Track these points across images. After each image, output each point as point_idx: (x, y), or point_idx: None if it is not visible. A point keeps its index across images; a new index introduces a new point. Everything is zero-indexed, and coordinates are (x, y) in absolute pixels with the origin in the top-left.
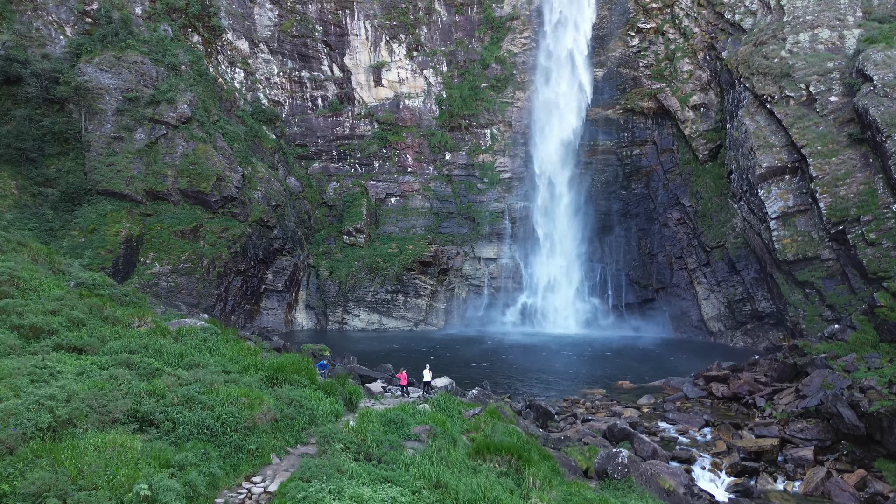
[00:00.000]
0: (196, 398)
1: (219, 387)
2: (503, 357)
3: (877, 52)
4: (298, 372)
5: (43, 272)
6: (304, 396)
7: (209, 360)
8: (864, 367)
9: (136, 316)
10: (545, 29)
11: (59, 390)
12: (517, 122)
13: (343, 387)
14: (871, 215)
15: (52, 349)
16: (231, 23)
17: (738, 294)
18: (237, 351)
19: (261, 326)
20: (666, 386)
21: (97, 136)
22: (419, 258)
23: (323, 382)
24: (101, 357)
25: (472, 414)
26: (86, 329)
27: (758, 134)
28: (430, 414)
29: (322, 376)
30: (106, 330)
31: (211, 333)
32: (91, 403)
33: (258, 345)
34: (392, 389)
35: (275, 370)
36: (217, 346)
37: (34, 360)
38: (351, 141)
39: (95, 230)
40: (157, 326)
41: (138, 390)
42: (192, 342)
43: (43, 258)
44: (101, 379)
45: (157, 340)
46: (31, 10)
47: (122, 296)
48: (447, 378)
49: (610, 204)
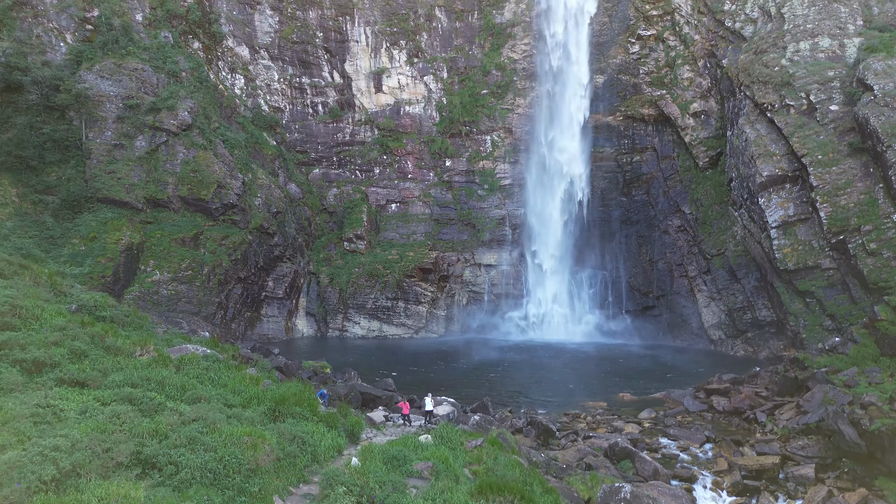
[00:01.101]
0: (198, 439)
1: (221, 425)
2: (504, 367)
3: (877, 62)
4: (300, 404)
5: (45, 295)
6: (306, 432)
7: (211, 392)
8: (865, 382)
9: (137, 345)
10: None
11: (63, 440)
12: (517, 129)
13: (345, 417)
14: (872, 225)
15: (54, 384)
16: (231, 29)
17: (738, 302)
18: (239, 381)
19: (261, 334)
20: (667, 398)
21: (98, 144)
22: (419, 265)
23: (324, 414)
24: (103, 391)
25: (474, 445)
26: (88, 361)
27: (758, 142)
28: (433, 448)
29: (323, 406)
30: (108, 361)
31: (213, 361)
32: (94, 449)
33: (259, 365)
34: (394, 418)
35: (277, 402)
36: (219, 375)
37: (37, 398)
38: (351, 147)
39: (96, 238)
40: (158, 355)
41: (141, 430)
42: (193, 372)
43: (45, 280)
44: (103, 418)
45: (159, 372)
46: (32, 17)
47: (124, 316)
48: (449, 405)
49: (610, 211)
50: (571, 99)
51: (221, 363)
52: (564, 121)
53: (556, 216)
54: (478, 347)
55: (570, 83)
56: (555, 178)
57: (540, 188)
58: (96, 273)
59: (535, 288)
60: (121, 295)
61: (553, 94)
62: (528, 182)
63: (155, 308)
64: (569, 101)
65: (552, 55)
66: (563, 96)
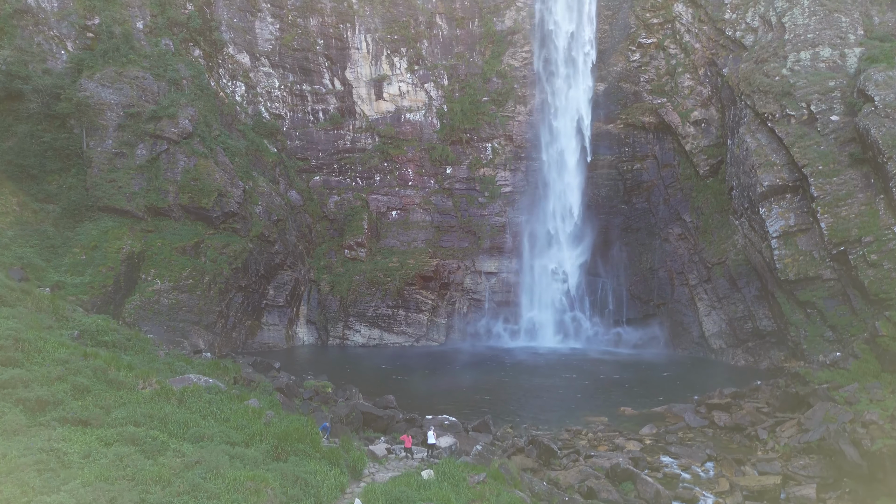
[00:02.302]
0: (201, 486)
1: (224, 469)
2: (505, 377)
3: (878, 73)
4: (302, 440)
5: (47, 321)
6: (308, 472)
7: (214, 428)
8: (867, 399)
9: (140, 377)
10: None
11: (66, 495)
12: (518, 136)
13: (347, 453)
14: (873, 236)
15: (57, 423)
16: (232, 36)
17: (739, 311)
18: (241, 415)
19: (262, 343)
20: (668, 413)
21: (98, 152)
22: (420, 273)
23: (327, 450)
24: (106, 430)
25: (476, 481)
26: (90, 397)
27: (759, 152)
28: (435, 488)
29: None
30: (111, 396)
31: (215, 394)
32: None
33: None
34: (396, 450)
35: (279, 439)
36: (221, 408)
37: (40, 441)
38: (352, 154)
39: (97, 247)
40: (161, 388)
41: (144, 476)
42: (196, 405)
43: (47, 304)
44: (107, 462)
45: (161, 408)
46: (33, 25)
47: (126, 340)
48: (451, 436)
49: (611, 218)
50: (572, 107)
51: (223, 394)
52: (565, 128)
53: (556, 223)
54: (479, 356)
55: (571, 91)
56: (555, 185)
57: (540, 195)
58: (97, 282)
59: (537, 296)
60: (122, 304)
61: (553, 102)
62: (528, 189)
63: (156, 317)
64: (569, 108)
65: (552, 63)
66: (564, 104)
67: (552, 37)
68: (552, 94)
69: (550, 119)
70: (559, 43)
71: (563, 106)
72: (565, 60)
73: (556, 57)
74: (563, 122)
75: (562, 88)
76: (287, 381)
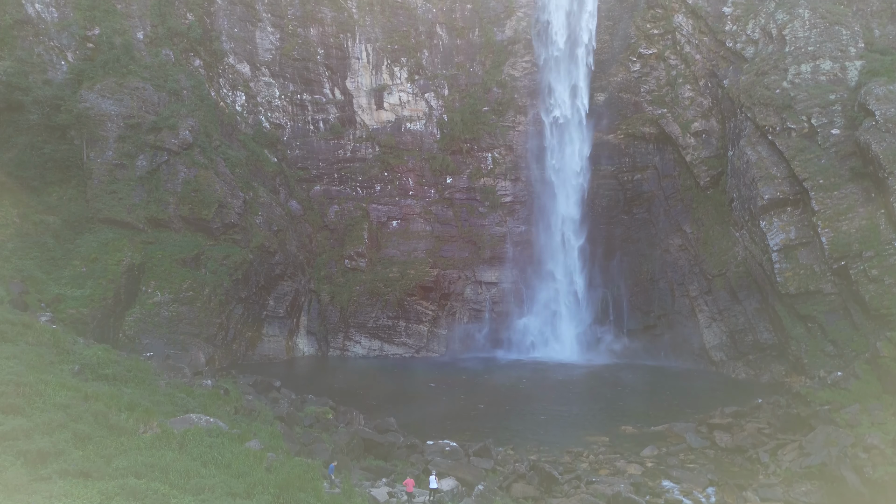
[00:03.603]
0: None
1: None
2: (506, 393)
3: (879, 87)
4: (304, 489)
5: (48, 356)
6: None
7: (215, 478)
8: (868, 422)
9: (140, 421)
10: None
11: None
12: (518, 146)
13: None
14: (874, 251)
15: (58, 476)
16: (232, 46)
17: (739, 324)
18: (242, 460)
19: (262, 354)
20: (669, 432)
21: (99, 164)
22: (420, 283)
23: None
24: (107, 483)
25: None
26: (92, 445)
27: (759, 165)
28: None
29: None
30: (112, 442)
31: (216, 436)
32: None
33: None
34: (398, 493)
35: (281, 488)
36: (222, 453)
37: (41, 498)
38: (352, 164)
39: (97, 259)
40: (162, 431)
41: None
42: (197, 450)
43: (47, 338)
44: None
45: (163, 455)
46: (33, 36)
47: (126, 372)
48: (453, 479)
49: (611, 229)
50: (572, 117)
51: (224, 436)
52: (565, 138)
53: (557, 233)
54: (479, 369)
55: (571, 101)
56: (556, 195)
57: (541, 205)
58: (97, 295)
59: (537, 306)
60: (122, 317)
61: (554, 112)
62: (528, 199)
63: (156, 330)
64: (569, 119)
65: (552, 73)
66: (564, 114)
67: (552, 47)
68: (552, 104)
69: (551, 129)
70: (559, 53)
71: (564, 116)
72: (565, 70)
73: (557, 67)
74: (563, 132)
75: (562, 98)
76: (287, 410)
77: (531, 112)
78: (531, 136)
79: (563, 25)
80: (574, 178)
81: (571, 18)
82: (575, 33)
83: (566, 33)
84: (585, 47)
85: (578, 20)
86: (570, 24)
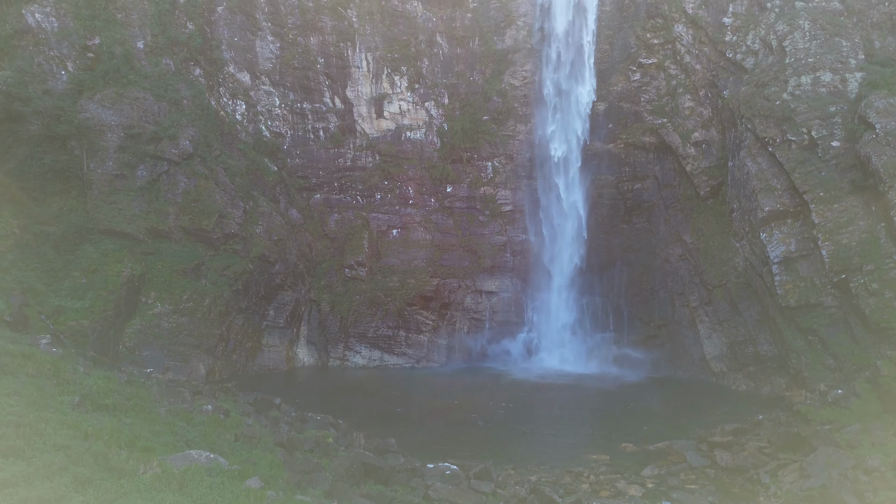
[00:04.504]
0: None
1: None
2: (506, 406)
3: (879, 99)
4: None
5: (49, 388)
6: None
7: None
8: (869, 442)
9: (141, 461)
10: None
11: None
12: (518, 155)
13: None
14: (874, 265)
15: None
16: (233, 55)
17: (740, 335)
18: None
19: (262, 365)
20: (670, 450)
21: (99, 174)
22: (421, 293)
23: None
24: None
25: None
26: (92, 490)
27: (760, 176)
28: None
29: None
30: (112, 485)
31: (216, 475)
32: None
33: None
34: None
35: None
36: (223, 494)
37: None
38: (353, 172)
39: (97, 270)
40: (162, 471)
41: None
42: (197, 492)
43: (48, 369)
44: None
45: (163, 499)
46: (33, 45)
47: (126, 401)
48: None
49: (611, 238)
50: (572, 126)
51: (224, 474)
52: (565, 147)
53: (557, 242)
54: (479, 380)
55: (571, 110)
56: (556, 204)
57: (541, 215)
58: (97, 307)
59: (536, 316)
60: (122, 328)
61: (554, 121)
62: (529, 208)
63: (156, 342)
64: (569, 128)
65: (553, 81)
66: (564, 123)
67: (552, 55)
68: (553, 113)
69: (551, 137)
70: (559, 61)
71: (564, 125)
72: (565, 79)
73: (557, 75)
74: (563, 140)
75: (562, 107)
76: (288, 435)
77: (531, 121)
78: (531, 145)
79: (563, 34)
80: (574, 187)
81: (571, 29)
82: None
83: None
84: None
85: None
86: (569, 32)
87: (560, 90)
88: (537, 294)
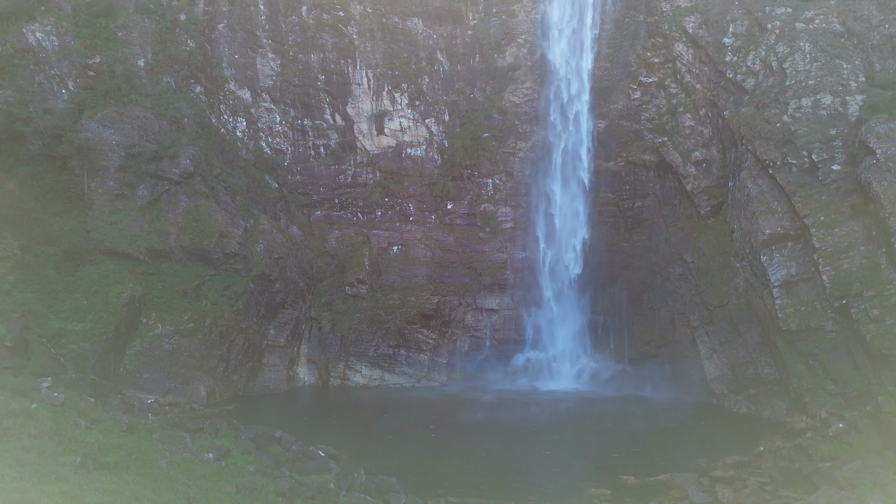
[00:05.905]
0: None
1: None
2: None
3: (880, 124)
4: None
5: (50, 448)
6: None
7: None
8: (870, 482)
9: None
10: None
11: None
12: (519, 172)
13: None
14: (874, 290)
15: None
16: (233, 73)
17: (740, 357)
18: None
19: (263, 385)
20: (671, 483)
21: (100, 194)
22: (421, 311)
23: None
24: None
25: None
26: None
27: (760, 198)
28: None
29: None
30: None
31: None
32: None
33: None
34: None
35: None
36: None
37: None
38: (353, 189)
39: (98, 291)
40: None
41: None
42: None
43: (49, 426)
44: None
45: None
46: (34, 64)
47: (128, 456)
48: None
49: (612, 256)
50: (572, 144)
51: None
52: (566, 166)
53: (558, 260)
54: (478, 402)
55: (571, 128)
56: (557, 221)
57: (541, 232)
58: (98, 329)
59: (537, 334)
60: (123, 351)
61: (554, 139)
62: (529, 226)
63: (157, 363)
64: (569, 146)
65: (553, 100)
66: (564, 141)
67: (552, 73)
68: (553, 131)
69: (551, 156)
70: (559, 79)
71: (564, 143)
72: (566, 97)
73: (557, 93)
74: (563, 159)
75: (562, 125)
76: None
77: (531, 138)
78: (531, 163)
79: (563, 52)
80: (574, 204)
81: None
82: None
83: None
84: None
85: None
86: (570, 50)
87: (561, 107)
88: (538, 312)
